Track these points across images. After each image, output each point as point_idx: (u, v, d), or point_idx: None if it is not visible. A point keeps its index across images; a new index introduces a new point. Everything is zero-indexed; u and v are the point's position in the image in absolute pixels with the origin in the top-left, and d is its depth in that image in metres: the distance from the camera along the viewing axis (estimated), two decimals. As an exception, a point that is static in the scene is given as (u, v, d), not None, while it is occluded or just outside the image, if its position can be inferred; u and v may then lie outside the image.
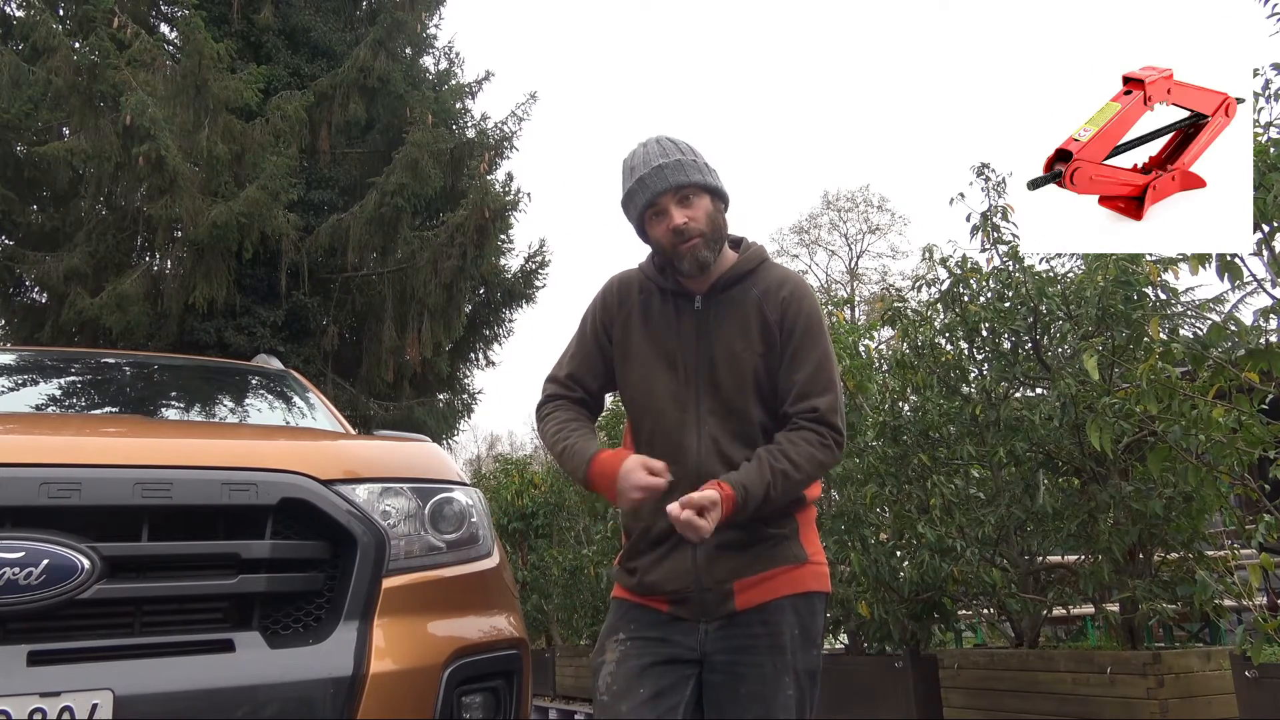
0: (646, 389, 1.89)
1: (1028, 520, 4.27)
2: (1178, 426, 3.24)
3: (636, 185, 1.83)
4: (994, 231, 4.36)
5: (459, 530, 2.07)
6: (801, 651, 1.78)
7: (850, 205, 30.70)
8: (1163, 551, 3.95)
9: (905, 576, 4.48)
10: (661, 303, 1.91)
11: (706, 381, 1.84)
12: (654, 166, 1.81)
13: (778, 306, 1.85)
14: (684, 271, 1.84)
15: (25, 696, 1.54)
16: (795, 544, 1.84)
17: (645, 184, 1.82)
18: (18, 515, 1.66)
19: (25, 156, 9.86)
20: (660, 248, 1.86)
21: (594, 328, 1.98)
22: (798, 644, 1.77)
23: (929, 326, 4.68)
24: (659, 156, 1.83)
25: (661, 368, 1.87)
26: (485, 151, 10.87)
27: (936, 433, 4.51)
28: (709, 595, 1.78)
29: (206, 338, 9.58)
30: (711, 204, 1.85)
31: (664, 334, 1.88)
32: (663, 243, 1.84)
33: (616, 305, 1.95)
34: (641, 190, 1.82)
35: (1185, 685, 3.58)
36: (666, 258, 1.85)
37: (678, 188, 1.81)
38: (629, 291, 1.94)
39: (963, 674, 4.31)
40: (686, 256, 1.81)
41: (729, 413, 1.83)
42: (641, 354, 1.90)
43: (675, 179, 1.80)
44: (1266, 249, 2.87)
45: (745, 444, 1.82)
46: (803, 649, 1.78)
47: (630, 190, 1.85)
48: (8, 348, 4.30)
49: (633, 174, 1.85)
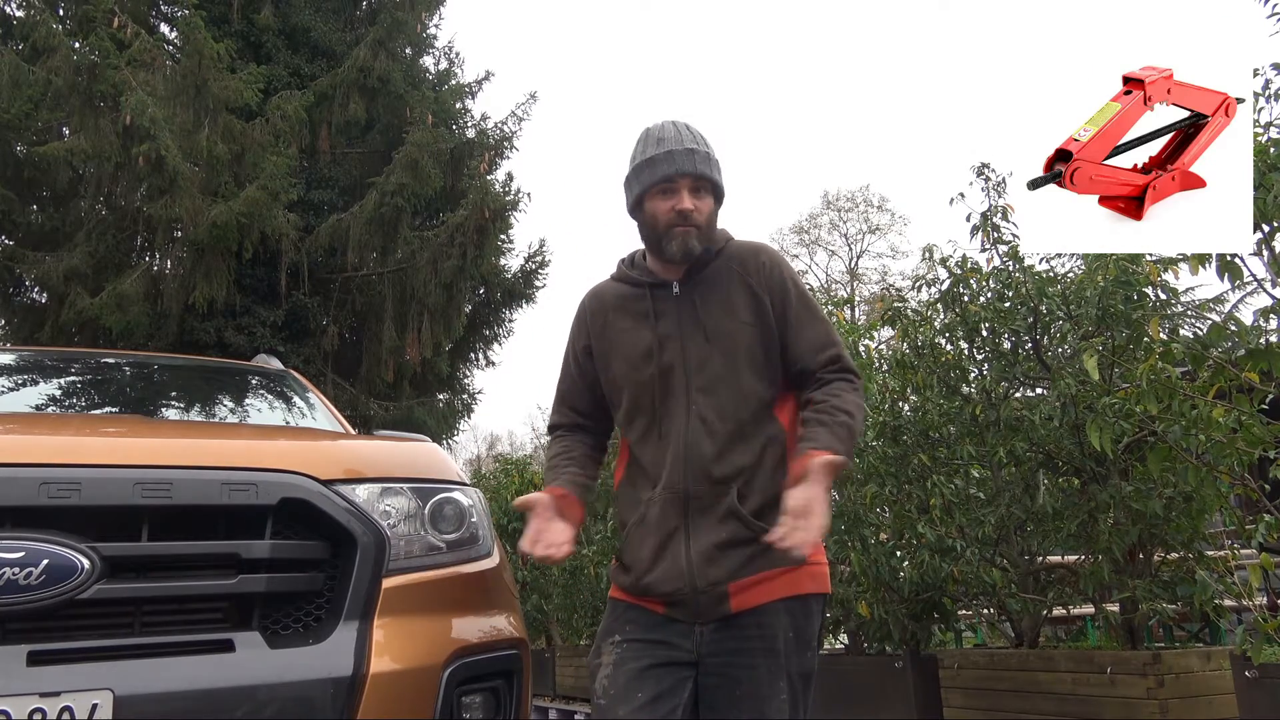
0: (632, 380, 1.86)
1: (1028, 520, 4.27)
2: (1178, 426, 3.24)
3: (663, 156, 1.80)
4: (994, 231, 4.36)
5: (459, 530, 2.07)
6: (796, 654, 1.74)
7: (850, 205, 30.72)
8: (1163, 551, 3.95)
9: (905, 576, 4.48)
10: (637, 297, 1.88)
11: (695, 362, 1.81)
12: (686, 147, 1.80)
13: (760, 274, 1.84)
14: (668, 254, 1.82)
15: (25, 696, 1.54)
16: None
17: (673, 158, 1.79)
18: (18, 515, 1.66)
19: (25, 156, 9.86)
20: (654, 224, 1.83)
21: (573, 352, 1.98)
22: (792, 646, 1.74)
23: (929, 326, 4.68)
24: (690, 140, 1.82)
25: (643, 357, 1.84)
26: (485, 151, 10.87)
27: (936, 433, 4.51)
28: (703, 598, 1.74)
29: (206, 338, 9.58)
30: (714, 206, 1.86)
31: (644, 325, 1.86)
32: (660, 219, 1.81)
33: (590, 318, 1.94)
34: (667, 162, 1.79)
35: (1185, 685, 3.58)
36: (656, 236, 1.83)
37: (698, 176, 1.80)
38: (602, 301, 1.94)
39: (963, 674, 4.31)
40: (678, 239, 1.80)
41: (720, 390, 1.79)
42: (623, 350, 1.87)
43: (701, 167, 1.80)
44: (1266, 249, 2.87)
45: (736, 419, 1.78)
46: (797, 651, 1.75)
47: (654, 158, 1.81)
48: (8, 348, 4.29)
49: (660, 144, 1.82)
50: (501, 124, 11.27)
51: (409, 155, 9.94)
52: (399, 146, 10.20)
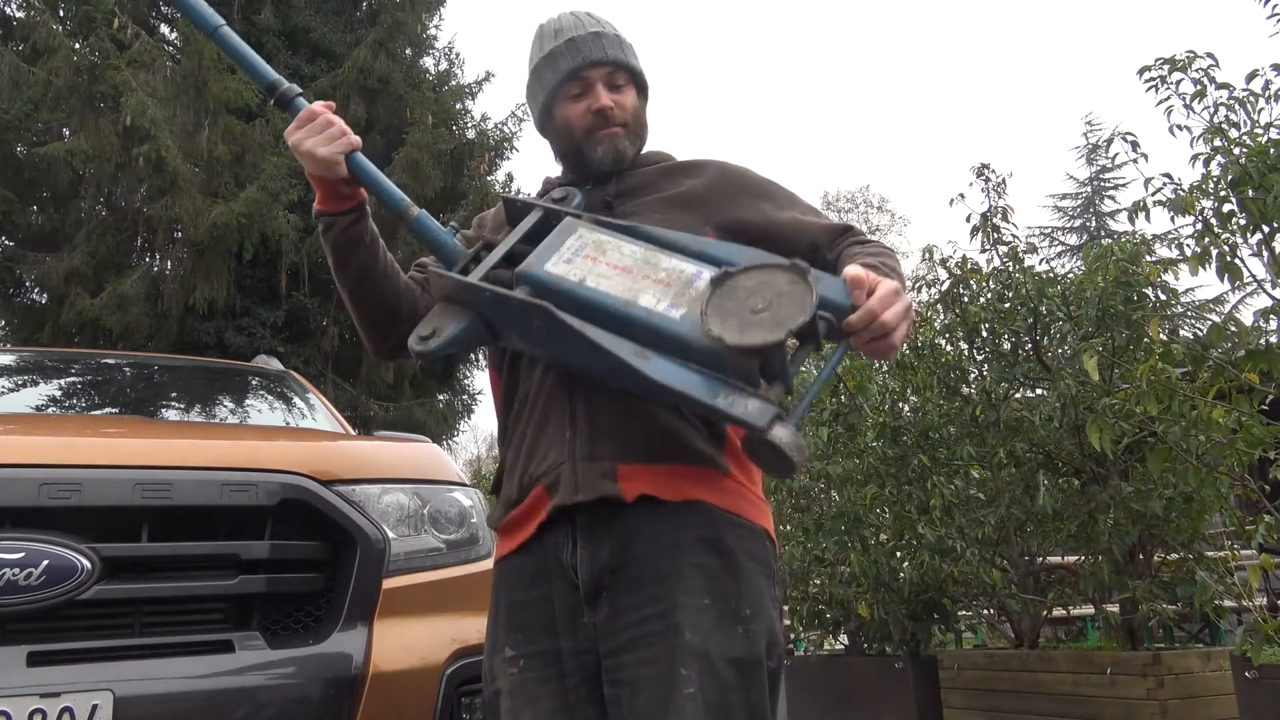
0: None
1: (1028, 521, 4.27)
2: (1178, 427, 3.24)
3: (564, 47, 1.45)
4: (994, 232, 4.36)
5: (459, 530, 2.07)
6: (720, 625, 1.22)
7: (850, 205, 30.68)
8: (1163, 552, 3.95)
9: (905, 577, 4.48)
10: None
11: None
12: (590, 31, 1.46)
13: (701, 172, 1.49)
14: (595, 160, 1.45)
15: (25, 697, 1.54)
16: (717, 453, 1.32)
17: (577, 46, 1.44)
18: (18, 515, 1.66)
19: (25, 157, 9.86)
20: (569, 132, 1.46)
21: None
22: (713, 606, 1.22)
23: (929, 327, 4.68)
24: (594, 24, 1.48)
25: None
26: (485, 152, 10.87)
27: (936, 433, 4.51)
28: (584, 466, 1.28)
29: (206, 338, 9.58)
30: (638, 98, 1.50)
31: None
32: (575, 125, 1.45)
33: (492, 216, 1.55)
34: (571, 53, 1.44)
35: (1185, 686, 3.58)
36: (575, 147, 1.47)
37: (613, 64, 1.45)
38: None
39: (963, 675, 4.31)
40: (604, 143, 1.44)
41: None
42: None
43: (614, 53, 1.46)
44: (1266, 249, 2.88)
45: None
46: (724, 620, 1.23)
47: (553, 52, 1.46)
48: (8, 348, 4.30)
49: (558, 35, 1.47)
50: (501, 125, 11.27)
51: (409, 156, 9.94)
52: (399, 147, 10.20)
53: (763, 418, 1.05)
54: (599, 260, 1.23)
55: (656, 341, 1.13)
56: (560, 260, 1.23)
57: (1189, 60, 3.18)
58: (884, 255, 1.36)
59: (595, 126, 1.44)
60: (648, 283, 1.18)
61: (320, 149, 1.33)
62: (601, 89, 1.44)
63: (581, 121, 1.45)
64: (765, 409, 1.06)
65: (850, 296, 1.14)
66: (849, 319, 1.13)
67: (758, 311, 1.06)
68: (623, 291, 1.18)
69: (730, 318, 1.07)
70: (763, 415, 1.05)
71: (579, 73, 1.44)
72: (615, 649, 1.24)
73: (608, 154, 1.45)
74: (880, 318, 1.13)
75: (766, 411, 1.05)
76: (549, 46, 1.47)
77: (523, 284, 1.23)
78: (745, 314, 1.07)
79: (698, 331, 1.10)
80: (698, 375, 1.10)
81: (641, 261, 1.21)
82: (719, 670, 1.19)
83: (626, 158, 1.46)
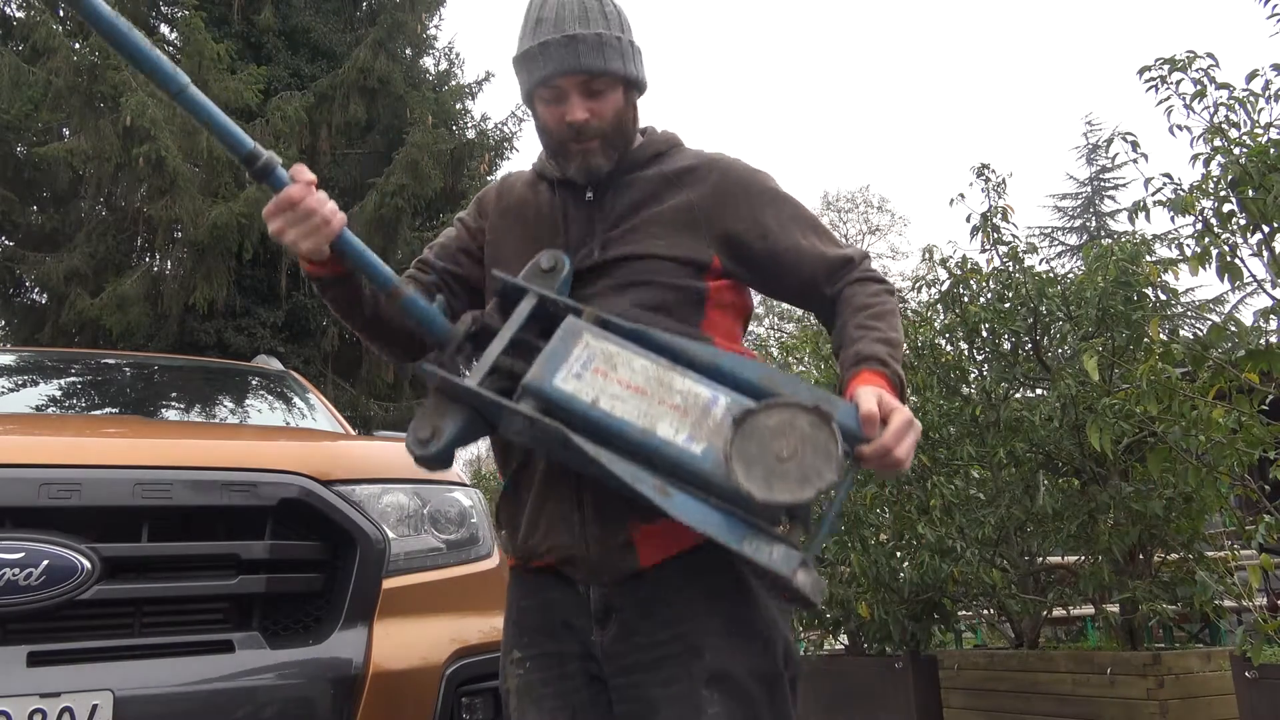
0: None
1: (1028, 521, 4.27)
2: (1178, 427, 3.24)
3: (537, 49, 1.36)
4: (994, 232, 4.37)
5: (459, 530, 2.07)
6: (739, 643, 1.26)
7: (850, 206, 30.68)
8: (1163, 552, 3.95)
9: (905, 577, 4.48)
10: (549, 195, 1.46)
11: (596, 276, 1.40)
12: (566, 34, 1.35)
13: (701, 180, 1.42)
14: (569, 175, 1.41)
15: (25, 697, 1.54)
16: None
17: (549, 52, 1.35)
18: (18, 515, 1.66)
19: (25, 157, 9.87)
20: (546, 134, 1.41)
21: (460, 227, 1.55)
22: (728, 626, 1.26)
23: (929, 327, 4.69)
24: (576, 22, 1.36)
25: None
26: (485, 152, 10.87)
27: (936, 433, 4.51)
28: (598, 550, 1.29)
29: (206, 339, 9.58)
30: (624, 98, 1.40)
31: (544, 231, 1.43)
32: (551, 131, 1.40)
33: (494, 201, 1.52)
34: (543, 59, 1.35)
35: (1185, 686, 3.58)
36: (552, 149, 1.43)
37: (589, 74, 1.35)
38: (510, 189, 1.52)
39: (963, 675, 4.31)
40: (576, 159, 1.38)
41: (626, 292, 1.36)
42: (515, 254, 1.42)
43: (588, 62, 1.34)
44: (1266, 249, 2.88)
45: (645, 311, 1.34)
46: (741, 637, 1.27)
47: (528, 52, 1.38)
48: (8, 348, 4.30)
49: (537, 29, 1.37)
50: (501, 125, 11.28)
51: (409, 156, 9.94)
52: (399, 147, 10.20)
53: (788, 565, 1.06)
54: (610, 377, 1.19)
55: (676, 474, 1.13)
56: (569, 375, 1.19)
57: (1189, 60, 3.18)
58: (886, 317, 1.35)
59: (568, 139, 1.38)
60: (664, 408, 1.17)
61: (302, 244, 1.27)
62: (576, 99, 1.36)
63: (557, 130, 1.39)
64: (790, 556, 1.07)
65: (863, 430, 1.15)
66: (862, 450, 1.15)
67: (783, 460, 1.07)
68: (639, 418, 1.15)
69: (755, 465, 1.07)
70: (788, 563, 1.06)
71: (550, 82, 1.36)
72: (627, 668, 1.27)
73: (580, 171, 1.39)
74: (893, 453, 1.15)
75: (791, 559, 1.06)
76: (525, 45, 1.39)
77: (529, 396, 1.18)
78: (770, 461, 1.07)
79: (721, 471, 1.09)
80: (720, 515, 1.11)
81: (655, 382, 1.18)
82: (745, 686, 1.24)
83: (602, 173, 1.40)
